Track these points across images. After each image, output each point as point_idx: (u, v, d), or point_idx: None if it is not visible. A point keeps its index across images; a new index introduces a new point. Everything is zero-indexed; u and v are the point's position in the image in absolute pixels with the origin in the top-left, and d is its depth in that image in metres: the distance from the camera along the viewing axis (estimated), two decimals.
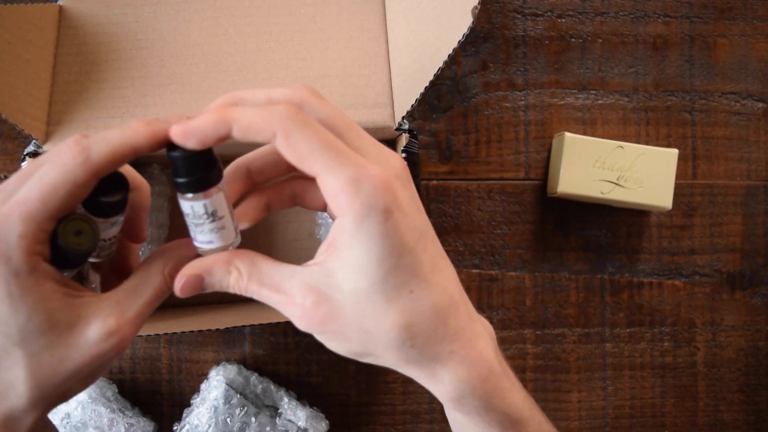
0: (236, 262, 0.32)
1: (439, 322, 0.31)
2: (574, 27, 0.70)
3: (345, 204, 0.28)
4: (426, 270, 0.31)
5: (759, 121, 0.71)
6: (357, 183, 0.28)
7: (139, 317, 0.31)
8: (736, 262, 0.70)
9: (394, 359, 0.31)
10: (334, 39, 0.57)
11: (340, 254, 0.30)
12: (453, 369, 0.31)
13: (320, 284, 0.30)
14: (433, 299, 0.31)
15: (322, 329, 0.31)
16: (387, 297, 0.30)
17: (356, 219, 0.28)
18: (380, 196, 0.28)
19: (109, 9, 0.56)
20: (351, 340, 0.31)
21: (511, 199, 0.68)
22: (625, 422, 0.69)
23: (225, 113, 0.28)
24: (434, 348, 0.31)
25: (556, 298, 0.69)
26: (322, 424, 0.62)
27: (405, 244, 0.29)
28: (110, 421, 0.58)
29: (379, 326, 0.30)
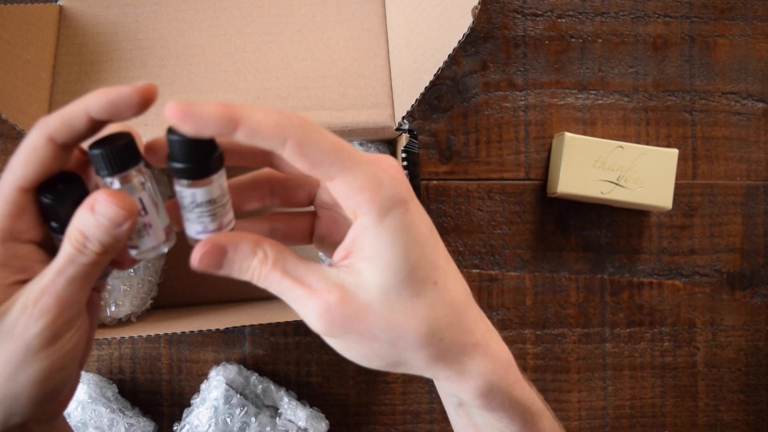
0: (265, 244, 0.30)
1: (462, 313, 0.31)
2: (574, 27, 0.70)
3: (367, 201, 0.28)
4: (443, 261, 0.30)
5: (759, 121, 0.71)
6: (376, 177, 0.28)
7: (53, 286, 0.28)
8: (736, 262, 0.70)
9: (425, 356, 0.30)
10: (334, 39, 0.57)
11: (365, 253, 0.29)
12: (480, 361, 0.31)
13: (347, 282, 0.29)
14: (454, 289, 0.31)
15: (345, 329, 0.29)
16: (415, 291, 0.29)
17: (379, 213, 0.28)
18: (398, 188, 0.28)
19: (109, 9, 0.56)
20: (378, 340, 0.29)
21: (511, 199, 0.68)
22: (625, 422, 0.69)
23: (234, 110, 0.26)
24: (461, 340, 0.31)
25: (556, 298, 0.69)
26: (322, 424, 0.62)
27: (424, 234, 0.29)
28: (110, 421, 0.58)
29: (409, 321, 0.29)
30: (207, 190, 0.29)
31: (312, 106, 0.55)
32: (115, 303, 0.57)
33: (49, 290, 0.28)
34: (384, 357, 0.30)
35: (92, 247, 0.28)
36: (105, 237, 0.28)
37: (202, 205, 0.29)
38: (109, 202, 0.28)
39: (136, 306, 0.58)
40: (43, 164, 0.28)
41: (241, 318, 0.56)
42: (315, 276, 0.29)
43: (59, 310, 0.28)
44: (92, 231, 0.28)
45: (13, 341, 0.28)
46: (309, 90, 0.56)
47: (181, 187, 0.29)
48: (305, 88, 0.56)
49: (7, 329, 0.28)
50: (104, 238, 0.28)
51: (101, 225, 0.28)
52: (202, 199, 0.29)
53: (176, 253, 0.63)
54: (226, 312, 0.60)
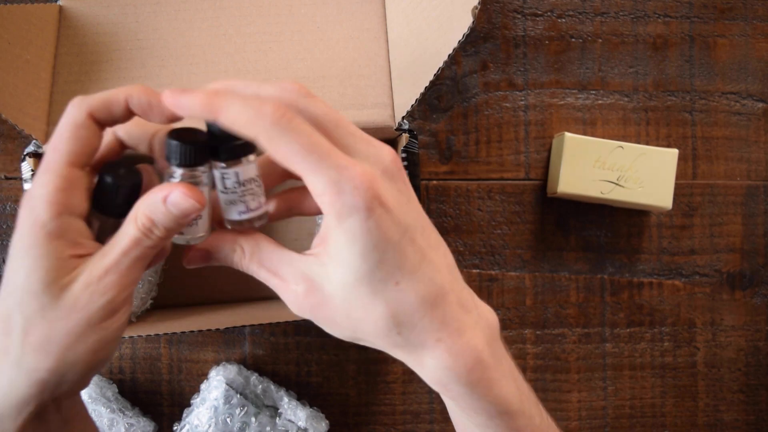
0: (241, 241, 0.34)
1: (425, 312, 0.32)
2: (574, 27, 0.70)
3: (327, 204, 0.29)
4: (412, 263, 0.31)
5: (759, 121, 0.71)
6: (337, 185, 0.29)
7: (117, 266, 0.31)
8: (736, 262, 0.70)
9: (383, 344, 0.33)
10: (334, 39, 0.57)
11: (329, 249, 0.31)
12: (438, 356, 0.32)
13: (314, 273, 0.32)
14: (420, 290, 0.31)
15: (313, 315, 0.33)
16: (373, 289, 0.31)
17: (338, 218, 0.29)
18: (360, 196, 0.29)
19: (109, 9, 0.56)
20: (341, 326, 0.33)
21: (511, 199, 0.68)
22: (625, 422, 0.69)
23: (214, 100, 0.29)
24: (420, 336, 0.32)
25: (556, 298, 0.69)
26: (322, 424, 0.62)
27: (389, 239, 0.30)
28: (110, 421, 0.58)
29: (367, 316, 0.32)
30: (250, 168, 0.32)
31: None
32: None
33: (114, 269, 0.30)
34: (351, 338, 0.34)
35: (158, 232, 0.31)
36: (172, 224, 0.31)
37: (246, 184, 0.32)
38: (187, 195, 0.31)
39: (136, 306, 0.58)
40: (88, 140, 0.31)
41: (241, 318, 0.56)
42: (287, 267, 0.33)
43: (121, 288, 0.31)
44: (161, 218, 0.31)
45: (75, 314, 0.30)
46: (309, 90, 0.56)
47: (226, 169, 0.32)
48: None
49: (70, 303, 0.30)
50: (171, 226, 0.31)
51: (170, 214, 0.31)
52: (245, 177, 0.32)
53: (176, 253, 0.63)
54: (226, 312, 0.60)
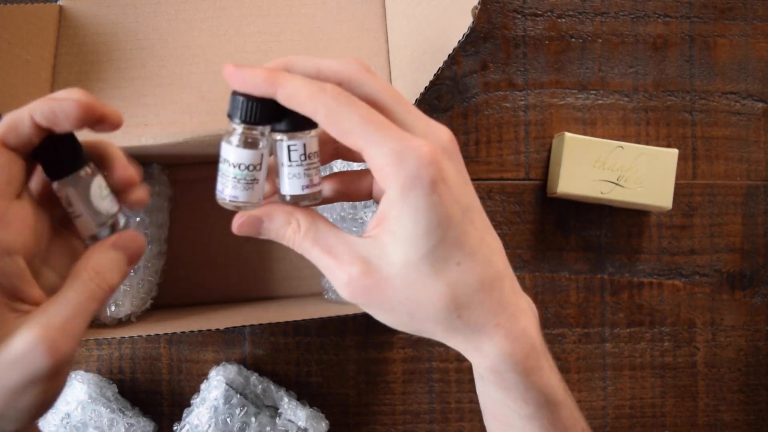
0: (298, 214, 0.32)
1: (485, 295, 0.31)
2: (574, 27, 0.70)
3: (391, 176, 0.29)
4: (473, 243, 0.31)
5: (759, 121, 0.71)
6: (400, 155, 0.29)
7: (68, 323, 0.29)
8: (736, 262, 0.70)
9: (441, 329, 0.32)
10: (334, 39, 0.57)
11: (389, 227, 0.30)
12: (498, 342, 0.32)
13: (371, 255, 0.31)
14: (479, 272, 0.31)
15: (367, 300, 0.31)
16: (435, 269, 0.30)
17: (402, 191, 0.29)
18: (424, 168, 0.29)
19: (109, 9, 0.56)
20: (397, 311, 0.31)
21: (511, 199, 0.68)
22: (625, 422, 0.69)
23: (275, 76, 0.29)
24: (480, 320, 0.32)
25: (556, 298, 0.69)
26: (322, 424, 0.62)
27: (451, 216, 0.30)
28: (110, 421, 0.58)
29: (426, 297, 0.31)
30: (314, 141, 0.32)
31: None
32: (115, 303, 0.57)
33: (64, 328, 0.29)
34: (404, 325, 0.32)
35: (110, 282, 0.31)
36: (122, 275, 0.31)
37: (311, 157, 0.32)
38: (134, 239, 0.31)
39: (136, 306, 0.58)
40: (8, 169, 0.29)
41: (241, 318, 0.56)
42: (343, 247, 0.31)
43: (69, 346, 0.29)
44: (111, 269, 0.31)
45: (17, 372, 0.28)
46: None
47: (294, 141, 0.32)
48: None
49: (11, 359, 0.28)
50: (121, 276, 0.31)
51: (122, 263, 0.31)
52: (311, 150, 0.32)
53: (176, 253, 0.64)
54: (226, 312, 0.60)
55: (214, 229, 0.63)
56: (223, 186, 0.32)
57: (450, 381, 0.67)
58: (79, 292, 0.30)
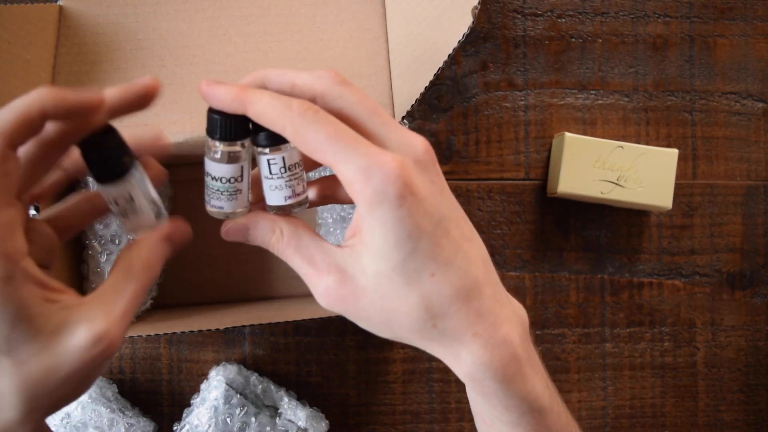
0: (281, 223, 0.33)
1: (461, 304, 0.31)
2: (574, 27, 0.70)
3: (358, 192, 0.29)
4: (447, 254, 0.31)
5: (759, 121, 0.71)
6: (367, 172, 0.29)
7: (126, 315, 0.30)
8: (736, 262, 0.70)
9: (416, 338, 0.32)
10: (334, 39, 0.57)
11: (362, 238, 0.31)
12: (475, 351, 0.32)
13: (347, 265, 0.32)
14: (455, 282, 0.31)
15: (342, 308, 0.32)
16: (407, 280, 0.31)
17: (369, 206, 0.29)
18: (390, 184, 0.29)
19: (109, 9, 0.56)
20: (373, 320, 0.32)
21: (511, 199, 0.68)
22: (625, 422, 0.69)
23: (244, 95, 0.30)
24: (456, 329, 0.32)
25: (556, 298, 0.69)
26: (322, 424, 0.62)
27: (422, 228, 0.30)
28: (110, 421, 0.58)
29: (400, 307, 0.31)
30: (294, 153, 0.32)
31: None
32: None
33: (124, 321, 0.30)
34: (382, 332, 0.33)
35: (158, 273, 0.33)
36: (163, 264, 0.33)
37: (292, 168, 0.33)
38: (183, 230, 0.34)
39: None
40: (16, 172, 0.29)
41: (241, 318, 0.56)
42: (321, 256, 0.32)
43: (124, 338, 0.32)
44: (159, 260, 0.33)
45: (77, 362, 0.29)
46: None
47: (272, 155, 0.32)
48: None
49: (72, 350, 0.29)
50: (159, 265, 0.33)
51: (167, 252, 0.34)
52: (291, 162, 0.32)
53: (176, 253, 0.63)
54: (226, 312, 0.60)
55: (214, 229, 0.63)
56: (209, 197, 0.34)
57: (450, 381, 0.67)
58: (134, 285, 0.31)
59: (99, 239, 0.55)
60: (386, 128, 0.32)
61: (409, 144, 0.31)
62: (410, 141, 0.32)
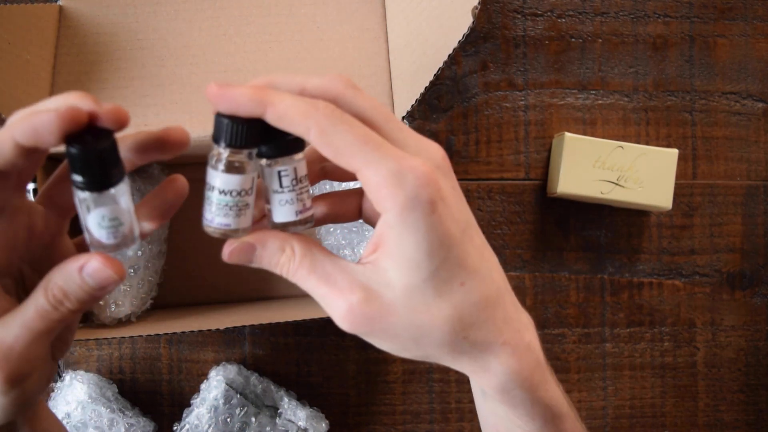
0: (293, 241, 0.31)
1: (490, 313, 0.31)
2: (574, 27, 0.70)
3: (389, 198, 0.28)
4: (474, 261, 0.30)
5: (759, 121, 0.71)
6: (399, 176, 0.28)
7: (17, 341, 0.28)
8: (736, 262, 0.70)
9: (447, 352, 0.31)
10: (334, 39, 0.57)
11: (389, 250, 0.29)
12: (504, 360, 0.31)
13: (371, 281, 0.30)
14: (483, 290, 0.30)
15: (369, 329, 0.30)
16: (439, 291, 0.29)
17: (402, 212, 0.28)
18: (424, 188, 0.28)
19: (109, 9, 0.56)
20: (401, 337, 0.30)
21: (511, 199, 0.68)
22: (625, 422, 0.69)
23: (263, 94, 0.28)
24: (487, 339, 0.31)
25: (556, 298, 0.69)
26: (322, 424, 0.62)
27: (452, 235, 0.29)
28: (110, 421, 0.58)
29: (432, 321, 0.30)
30: (304, 164, 0.30)
31: None
32: (115, 303, 0.57)
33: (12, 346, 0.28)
34: (410, 351, 0.31)
35: (69, 305, 0.29)
36: (85, 297, 0.29)
37: (302, 180, 0.30)
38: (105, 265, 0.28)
39: (136, 306, 0.58)
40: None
41: (241, 318, 0.56)
42: (340, 275, 0.30)
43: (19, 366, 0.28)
44: (74, 289, 0.29)
45: None
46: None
47: (285, 165, 0.30)
48: None
49: None
50: (84, 298, 0.29)
51: (85, 285, 0.29)
52: (302, 173, 0.30)
53: (176, 253, 0.64)
54: (226, 312, 0.60)
55: None
56: (212, 214, 0.30)
57: (450, 381, 0.67)
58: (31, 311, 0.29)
59: None
60: (403, 134, 0.30)
61: (426, 150, 0.30)
62: (428, 147, 0.31)
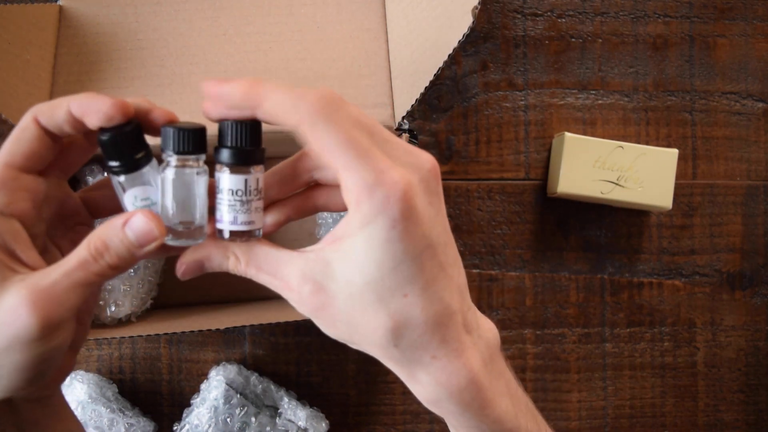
0: (233, 248, 0.32)
1: (427, 330, 0.31)
2: (574, 27, 0.70)
3: (355, 203, 0.29)
4: (426, 278, 0.30)
5: (759, 121, 0.71)
6: (372, 188, 0.28)
7: (56, 286, 0.29)
8: (736, 262, 0.70)
9: (378, 354, 0.32)
10: (334, 39, 0.57)
11: (341, 246, 0.30)
12: (432, 373, 0.31)
13: (315, 272, 0.31)
14: (426, 307, 0.30)
15: (315, 315, 0.31)
16: (379, 297, 0.30)
17: (363, 220, 0.29)
18: (392, 205, 0.28)
19: (109, 9, 0.56)
20: (338, 329, 0.31)
21: (511, 199, 0.68)
22: (625, 422, 0.69)
23: (257, 87, 0.28)
24: (417, 352, 0.31)
25: (556, 298, 0.69)
26: (322, 424, 0.62)
27: (407, 252, 0.29)
28: (110, 421, 0.58)
29: (366, 323, 0.30)
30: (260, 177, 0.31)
31: None
32: (115, 303, 0.57)
33: (50, 291, 0.28)
34: (346, 341, 0.32)
35: (108, 259, 0.30)
36: (125, 253, 0.30)
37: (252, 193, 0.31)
38: (148, 220, 0.29)
39: (136, 306, 0.58)
40: (30, 144, 0.30)
41: (241, 318, 0.56)
42: (287, 269, 0.31)
43: (55, 311, 0.29)
44: (115, 243, 0.29)
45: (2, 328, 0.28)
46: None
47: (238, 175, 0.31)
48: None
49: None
50: (124, 254, 0.30)
51: (126, 240, 0.29)
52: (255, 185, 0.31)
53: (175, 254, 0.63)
54: (226, 312, 0.60)
55: None
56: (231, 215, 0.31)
57: None
58: (73, 261, 0.29)
59: None
60: (389, 145, 0.30)
61: (413, 162, 0.30)
62: (415, 159, 0.31)
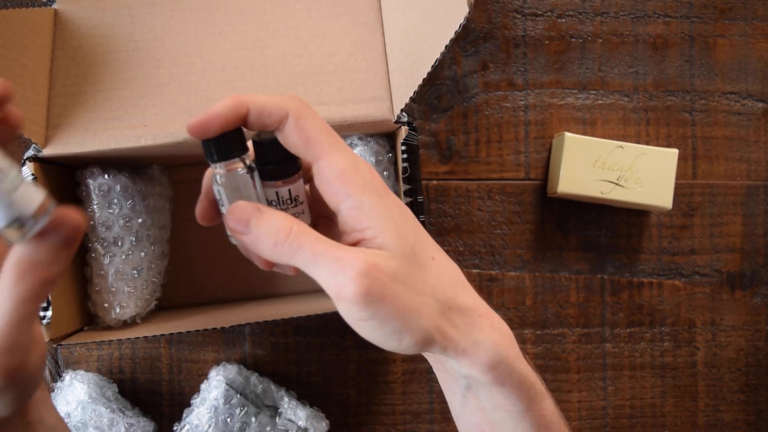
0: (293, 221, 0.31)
1: (461, 287, 0.33)
2: (574, 27, 0.70)
3: (348, 183, 0.31)
4: (432, 241, 0.33)
5: (759, 121, 0.71)
6: (356, 166, 0.31)
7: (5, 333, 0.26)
8: (736, 262, 0.70)
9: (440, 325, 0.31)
10: (331, 34, 0.57)
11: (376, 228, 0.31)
12: (488, 334, 0.33)
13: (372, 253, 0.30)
14: (449, 266, 0.33)
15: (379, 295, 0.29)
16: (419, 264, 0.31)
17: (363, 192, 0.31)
18: (374, 178, 0.31)
19: (104, 11, 0.56)
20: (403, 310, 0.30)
21: (511, 199, 0.68)
22: (625, 422, 0.69)
23: (240, 97, 0.31)
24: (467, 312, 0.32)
25: (556, 298, 0.69)
26: (323, 423, 0.62)
27: (408, 211, 0.33)
28: (110, 421, 0.59)
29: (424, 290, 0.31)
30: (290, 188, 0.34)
31: (310, 101, 0.55)
32: (120, 305, 0.57)
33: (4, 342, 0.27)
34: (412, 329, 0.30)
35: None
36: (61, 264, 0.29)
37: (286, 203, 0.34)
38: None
39: (141, 307, 0.58)
40: None
41: (241, 318, 0.56)
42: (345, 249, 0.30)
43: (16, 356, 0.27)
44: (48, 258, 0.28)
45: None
46: (307, 85, 0.56)
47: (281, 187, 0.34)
48: (303, 83, 0.56)
49: None
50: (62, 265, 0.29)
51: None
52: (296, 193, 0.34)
53: (178, 254, 0.64)
54: (226, 312, 0.60)
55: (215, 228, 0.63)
56: None
57: None
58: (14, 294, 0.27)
59: (102, 242, 0.55)
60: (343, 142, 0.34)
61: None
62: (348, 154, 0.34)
